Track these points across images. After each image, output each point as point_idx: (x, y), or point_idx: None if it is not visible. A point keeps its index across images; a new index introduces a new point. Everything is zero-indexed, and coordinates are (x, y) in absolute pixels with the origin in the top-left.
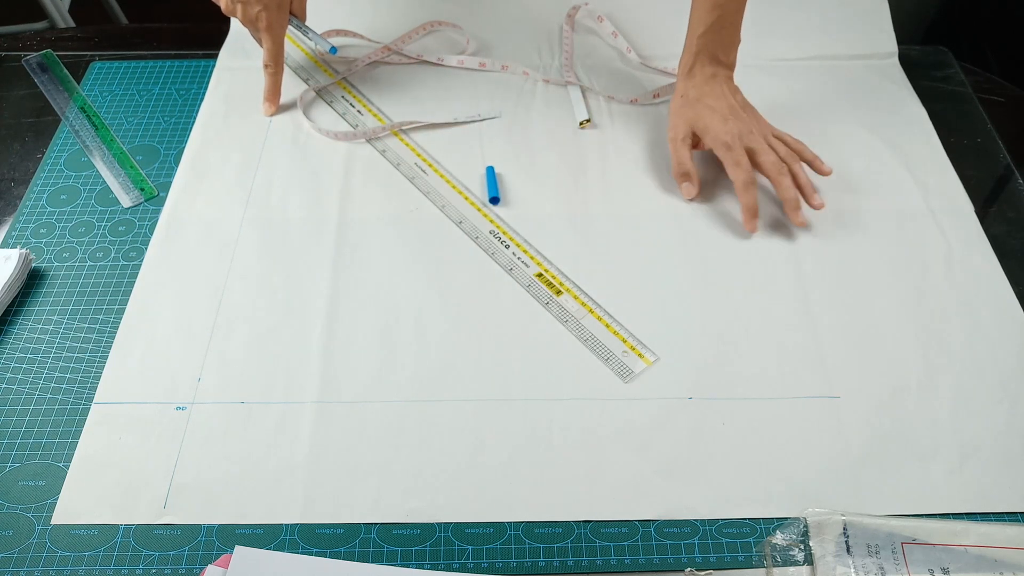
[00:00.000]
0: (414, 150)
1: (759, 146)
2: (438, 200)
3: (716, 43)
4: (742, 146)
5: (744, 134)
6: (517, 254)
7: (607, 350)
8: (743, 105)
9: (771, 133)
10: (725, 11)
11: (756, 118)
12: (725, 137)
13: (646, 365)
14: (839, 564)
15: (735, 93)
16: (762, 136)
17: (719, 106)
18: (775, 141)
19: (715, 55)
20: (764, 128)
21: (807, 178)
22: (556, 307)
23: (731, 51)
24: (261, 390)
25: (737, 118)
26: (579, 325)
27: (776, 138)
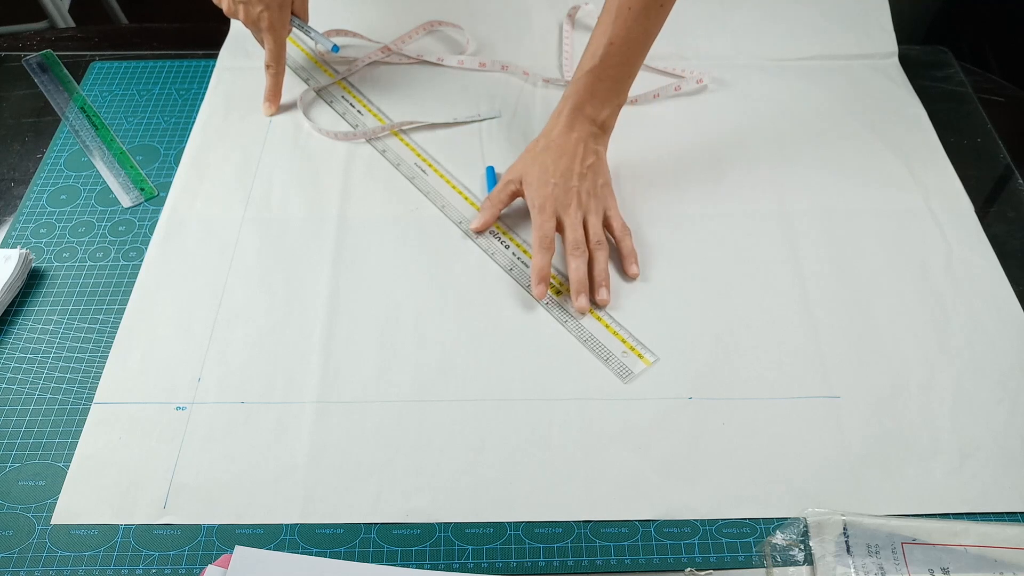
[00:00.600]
0: (414, 150)
1: (568, 220)
2: (438, 200)
3: (589, 93)
4: (553, 213)
5: (560, 202)
6: (517, 254)
7: (607, 350)
8: (587, 174)
9: (600, 212)
10: (606, 62)
11: (593, 193)
12: (539, 199)
13: (645, 365)
14: (839, 564)
15: (588, 158)
16: (581, 212)
17: (555, 166)
18: (594, 223)
19: (583, 107)
20: (593, 205)
21: (604, 272)
22: (556, 307)
23: (603, 109)
24: (261, 390)
25: (563, 185)
26: (579, 325)
27: (607, 220)
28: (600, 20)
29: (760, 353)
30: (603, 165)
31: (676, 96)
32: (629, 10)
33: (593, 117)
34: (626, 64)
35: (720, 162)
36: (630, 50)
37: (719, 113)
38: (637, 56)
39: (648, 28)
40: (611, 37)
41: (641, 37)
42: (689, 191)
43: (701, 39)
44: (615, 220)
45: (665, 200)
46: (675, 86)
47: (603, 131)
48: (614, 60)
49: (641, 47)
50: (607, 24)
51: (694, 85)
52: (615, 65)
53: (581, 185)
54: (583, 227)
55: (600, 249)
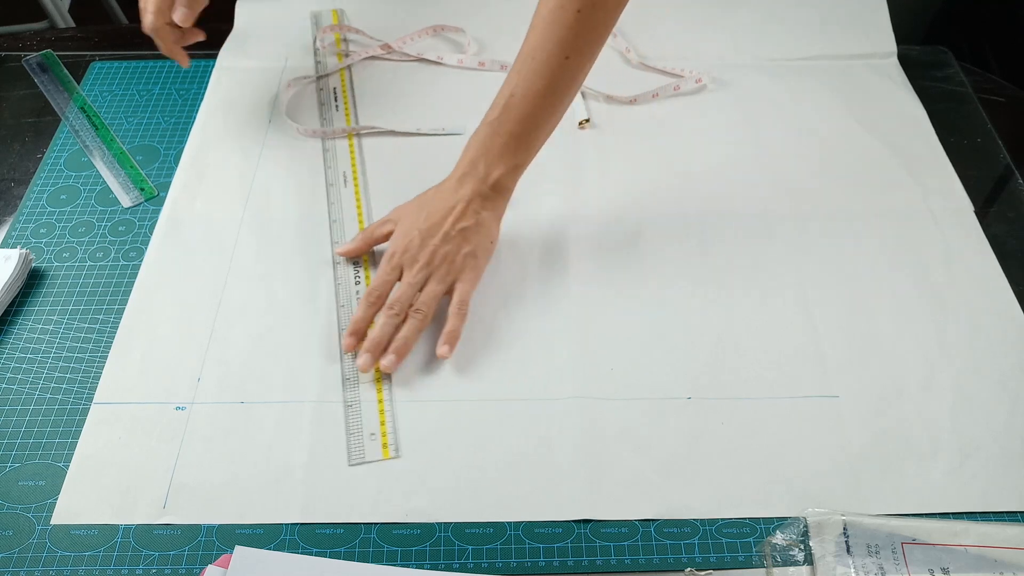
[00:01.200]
0: (353, 157)
1: (406, 277)
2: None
3: (484, 148)
4: (397, 266)
5: (410, 256)
6: (361, 293)
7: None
8: (455, 238)
9: (446, 281)
10: (505, 115)
11: (449, 258)
12: (392, 247)
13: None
14: (839, 564)
15: (464, 220)
16: (425, 273)
17: (428, 220)
18: (431, 290)
19: (476, 163)
20: (442, 271)
21: (404, 340)
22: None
23: (496, 168)
24: (261, 390)
25: (423, 241)
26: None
27: (449, 292)
28: (510, 69)
29: (760, 353)
30: (483, 232)
31: (675, 96)
32: (532, 60)
33: (484, 176)
34: (528, 120)
35: (719, 162)
36: (532, 104)
37: (718, 113)
38: (541, 111)
39: (553, 82)
40: (512, 88)
41: (543, 90)
42: (688, 191)
43: (700, 39)
44: (458, 296)
45: (664, 200)
46: (674, 86)
47: (496, 193)
48: (513, 114)
49: (544, 101)
50: (510, 74)
51: (693, 85)
52: (514, 120)
53: (441, 247)
54: (418, 289)
55: (415, 318)
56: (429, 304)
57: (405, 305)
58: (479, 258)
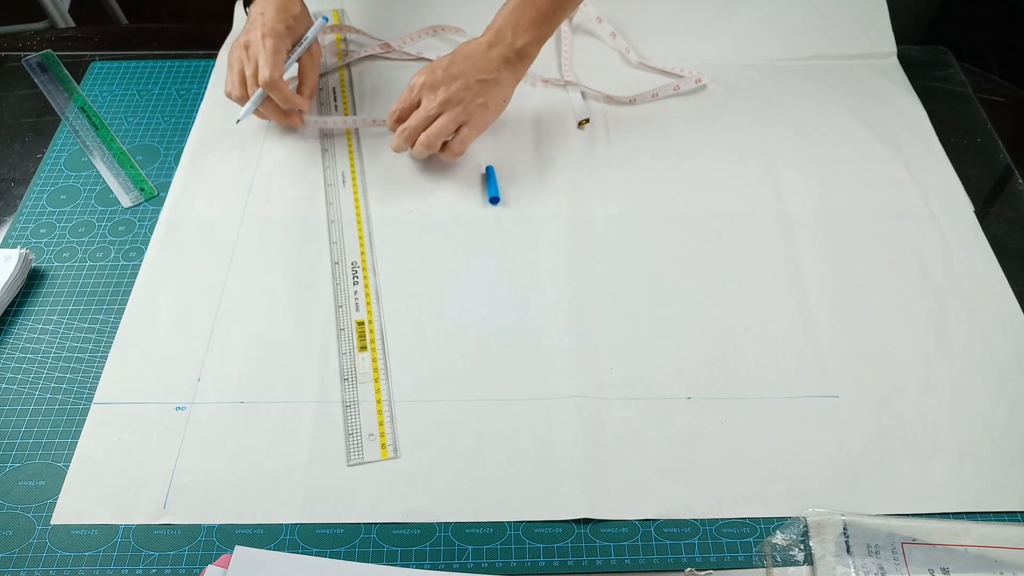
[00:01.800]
0: (352, 155)
1: (421, 107)
2: (332, 211)
3: (514, 18)
4: (418, 94)
5: (429, 88)
6: (360, 300)
7: (358, 424)
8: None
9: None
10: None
11: (463, 102)
12: (418, 76)
13: (381, 458)
14: (839, 564)
15: (486, 74)
16: (438, 109)
17: (452, 66)
18: (440, 125)
19: (505, 30)
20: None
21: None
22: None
23: (523, 36)
24: (261, 390)
25: (444, 80)
26: (355, 392)
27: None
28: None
29: (759, 353)
30: (497, 89)
31: (675, 96)
32: None
33: (512, 42)
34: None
35: (718, 162)
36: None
37: (718, 113)
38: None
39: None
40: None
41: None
42: (688, 190)
43: (700, 39)
44: (460, 137)
45: (664, 200)
46: (674, 86)
47: (519, 59)
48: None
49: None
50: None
51: (693, 85)
52: None
53: (461, 90)
54: (431, 121)
55: (423, 147)
56: (437, 136)
57: (415, 133)
58: (490, 111)
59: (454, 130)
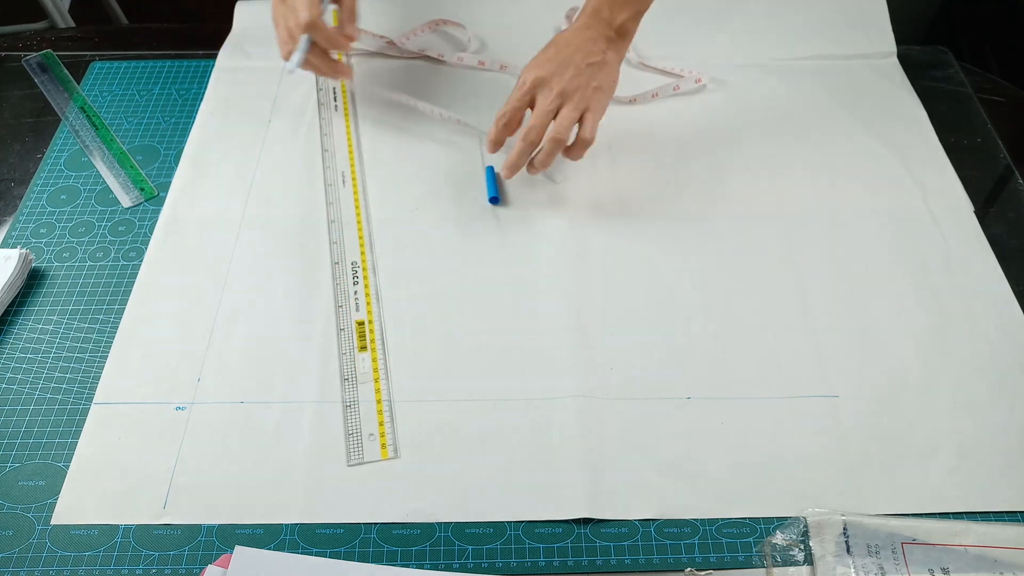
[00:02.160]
0: (352, 153)
1: (541, 103)
2: (332, 211)
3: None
4: (531, 90)
5: (544, 83)
6: (360, 300)
7: (358, 425)
8: (585, 71)
9: (579, 108)
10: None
11: (581, 88)
12: (525, 75)
13: (381, 458)
14: (839, 564)
15: (593, 56)
16: (558, 101)
17: (557, 55)
18: (566, 115)
19: (600, 9)
20: (575, 99)
21: (541, 164)
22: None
23: (621, 12)
24: (261, 390)
25: (555, 70)
26: (355, 393)
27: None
28: None
29: (759, 353)
30: (607, 70)
31: (675, 96)
32: None
33: (610, 20)
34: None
35: (718, 162)
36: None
37: (718, 113)
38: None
39: None
40: None
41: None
42: (687, 191)
43: (700, 39)
44: (588, 124)
45: (663, 200)
46: (674, 86)
47: (620, 37)
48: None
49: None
50: None
51: (693, 85)
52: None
53: (574, 79)
54: (552, 116)
55: (553, 143)
56: (565, 129)
57: (540, 131)
58: (605, 92)
59: (577, 120)
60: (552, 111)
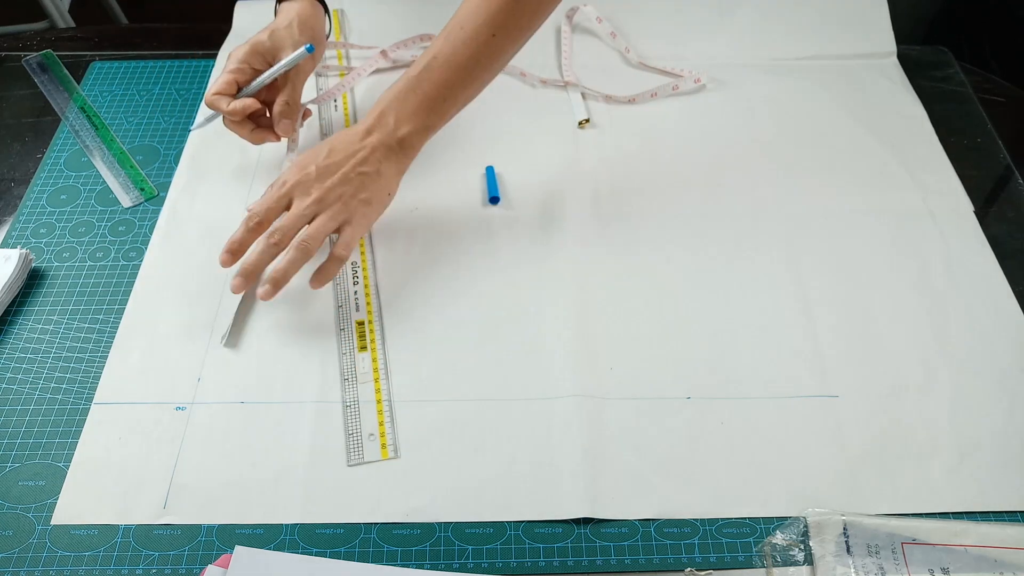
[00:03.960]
0: None
1: (296, 207)
2: None
3: (398, 101)
4: (287, 195)
5: (302, 188)
6: (359, 297)
7: (359, 425)
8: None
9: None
10: (424, 75)
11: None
12: (287, 175)
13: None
14: (839, 564)
15: (365, 166)
16: (315, 208)
17: (328, 158)
18: (320, 224)
19: (387, 114)
20: (335, 209)
21: (283, 272)
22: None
23: (406, 124)
24: (261, 390)
25: (318, 175)
26: (355, 393)
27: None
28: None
29: (759, 353)
30: (381, 182)
31: (674, 95)
32: (461, 30)
33: (393, 130)
34: (445, 86)
35: (718, 161)
36: (452, 72)
37: (717, 113)
38: (460, 80)
39: (476, 55)
40: (436, 52)
41: (465, 62)
42: (687, 190)
43: (699, 38)
44: (344, 238)
45: (662, 199)
46: (673, 85)
47: (401, 149)
48: (433, 76)
49: (465, 72)
50: (438, 37)
51: (692, 84)
52: (433, 83)
53: (338, 186)
54: (306, 222)
55: (298, 249)
56: (315, 239)
57: (288, 235)
58: (373, 206)
59: (334, 231)
60: (307, 217)
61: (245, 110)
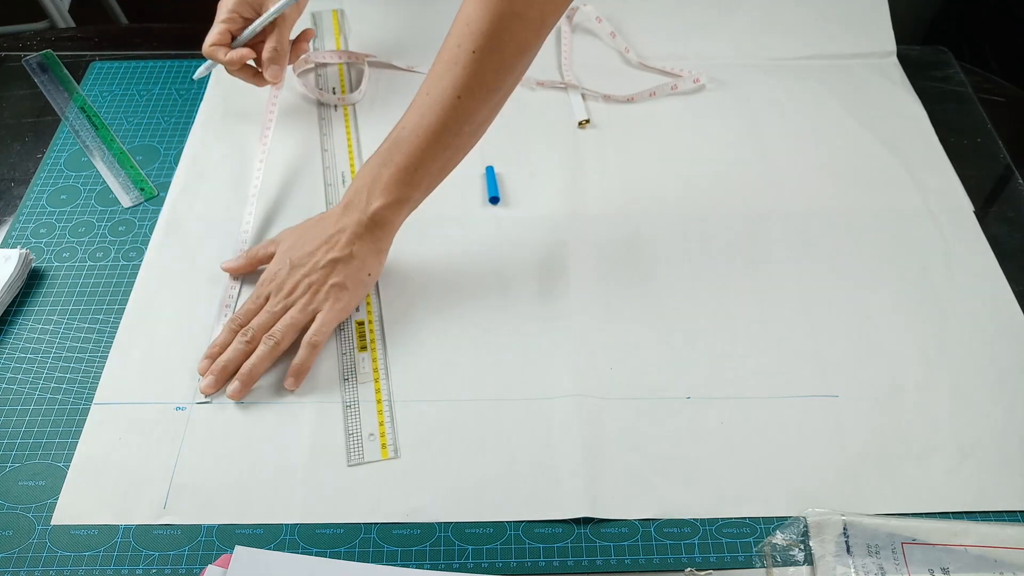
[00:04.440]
0: (352, 157)
1: (269, 303)
2: None
3: (371, 177)
4: (266, 291)
5: (278, 283)
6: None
7: (358, 425)
8: (325, 267)
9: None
10: (395, 147)
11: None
12: (265, 274)
13: (381, 458)
14: (839, 564)
15: (337, 251)
16: (286, 302)
17: (303, 248)
18: (290, 317)
19: (361, 191)
20: (303, 300)
21: (252, 368)
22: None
23: (380, 199)
24: (260, 390)
25: (294, 268)
26: (355, 391)
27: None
28: None
29: (759, 352)
30: (352, 265)
31: (673, 95)
32: (427, 96)
33: (366, 207)
34: (417, 155)
35: (717, 161)
36: (422, 140)
37: (717, 112)
38: (431, 148)
39: (444, 120)
40: (405, 123)
41: (434, 127)
42: (686, 190)
43: (699, 38)
44: (315, 327)
45: (663, 199)
46: (672, 85)
47: (376, 225)
48: (403, 147)
49: (435, 139)
50: (407, 108)
51: (691, 84)
52: (404, 153)
53: (307, 277)
54: (277, 318)
55: (266, 343)
56: (284, 332)
57: (260, 332)
58: (349, 291)
59: (306, 322)
60: (279, 313)
61: (242, 59)
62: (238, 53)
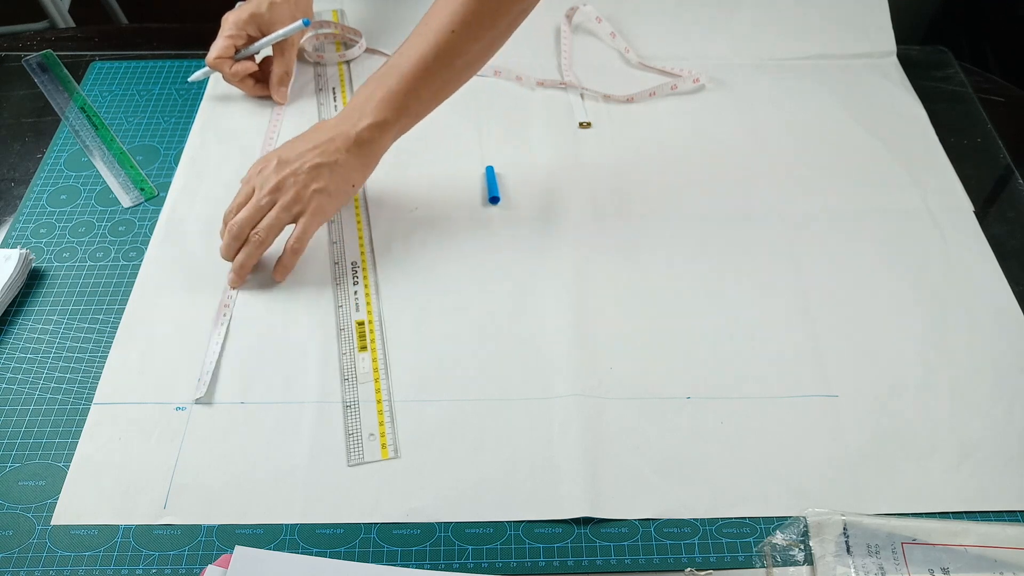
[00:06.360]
0: None
1: (254, 198)
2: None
3: (363, 99)
4: (251, 185)
5: (262, 178)
6: (360, 300)
7: (358, 425)
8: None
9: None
10: (384, 78)
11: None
12: (253, 167)
13: (381, 458)
14: (839, 564)
15: (325, 156)
16: (272, 198)
17: (296, 146)
18: (274, 216)
19: (354, 108)
20: (288, 199)
21: (240, 264)
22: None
23: (365, 119)
24: (261, 390)
25: (282, 164)
26: (355, 391)
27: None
28: None
29: (759, 352)
30: (337, 172)
31: (673, 95)
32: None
33: (356, 122)
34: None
35: (717, 161)
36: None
37: (716, 112)
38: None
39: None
40: (402, 50)
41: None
42: (686, 190)
43: (699, 38)
44: (298, 230)
45: (662, 199)
46: (672, 85)
47: (365, 143)
48: (395, 72)
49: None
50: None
51: (691, 84)
52: (396, 78)
53: (292, 176)
54: (263, 213)
55: (252, 241)
56: (268, 231)
57: (247, 228)
58: (332, 196)
59: (289, 222)
60: (264, 208)
61: (245, 71)
62: (242, 66)
